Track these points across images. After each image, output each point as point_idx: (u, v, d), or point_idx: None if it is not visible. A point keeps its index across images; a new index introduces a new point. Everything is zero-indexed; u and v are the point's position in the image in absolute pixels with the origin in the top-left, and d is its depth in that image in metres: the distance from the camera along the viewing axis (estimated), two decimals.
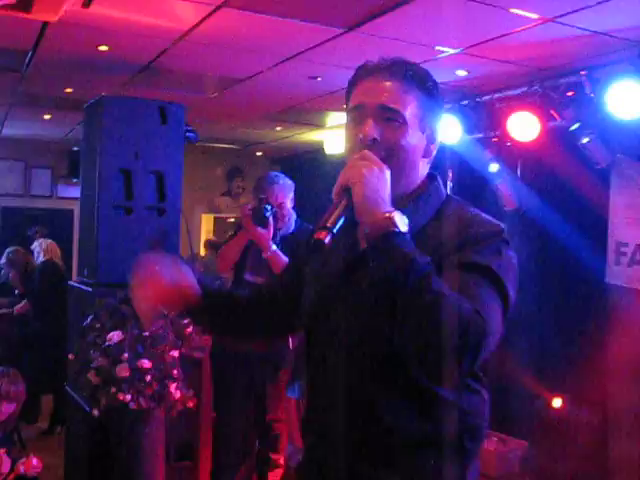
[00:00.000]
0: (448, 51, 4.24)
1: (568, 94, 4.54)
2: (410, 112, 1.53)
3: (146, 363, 3.26)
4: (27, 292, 6.25)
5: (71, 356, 3.58)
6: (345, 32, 3.98)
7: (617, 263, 4.74)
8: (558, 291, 5.19)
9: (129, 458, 3.42)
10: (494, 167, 5.28)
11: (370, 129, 1.51)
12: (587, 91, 4.37)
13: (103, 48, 4.46)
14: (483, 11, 3.53)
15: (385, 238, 1.36)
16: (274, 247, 3.87)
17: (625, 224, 4.72)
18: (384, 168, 1.43)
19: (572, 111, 4.58)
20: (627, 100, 4.10)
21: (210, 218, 10.01)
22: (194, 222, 9.02)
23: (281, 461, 4.49)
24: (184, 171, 3.94)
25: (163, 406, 3.37)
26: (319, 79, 5.07)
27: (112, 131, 3.70)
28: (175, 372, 3.36)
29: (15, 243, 6.66)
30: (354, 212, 1.41)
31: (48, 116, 7.01)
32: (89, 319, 3.41)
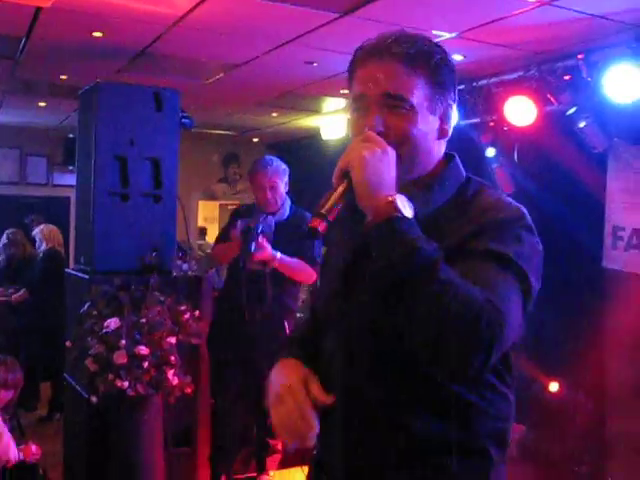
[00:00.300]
0: (444, 35, 4.22)
1: (565, 78, 4.52)
2: (417, 95, 1.40)
3: (143, 350, 3.27)
4: (25, 281, 6.25)
5: (68, 343, 3.59)
6: (340, 17, 3.96)
7: (614, 247, 4.75)
8: (555, 275, 5.16)
9: (127, 444, 3.44)
10: (491, 151, 5.28)
11: (374, 123, 1.39)
12: (584, 75, 4.35)
13: (97, 34, 4.43)
14: None
15: (386, 224, 1.27)
16: (278, 255, 3.89)
17: (622, 208, 4.72)
18: (388, 150, 1.34)
19: (569, 95, 4.56)
20: (624, 84, 4.09)
21: (208, 205, 10.01)
22: (191, 209, 9.00)
23: (279, 446, 4.52)
24: (180, 158, 3.93)
25: (161, 392, 3.38)
26: (315, 64, 5.05)
27: (107, 118, 3.68)
28: (172, 358, 3.37)
29: None
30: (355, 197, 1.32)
31: (43, 103, 6.97)
32: (86, 306, 3.41)
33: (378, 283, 1.31)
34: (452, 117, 1.49)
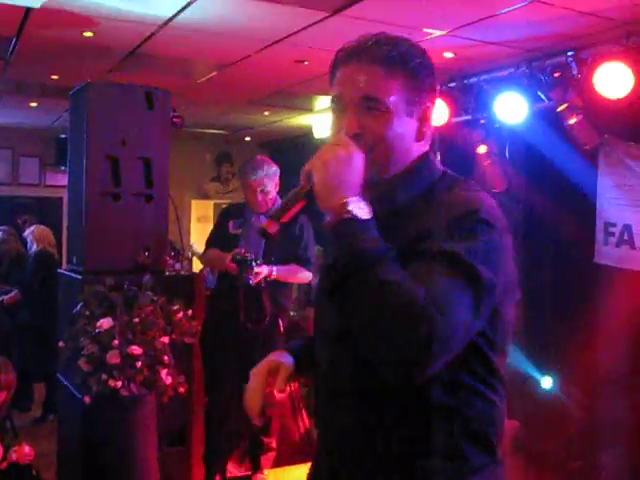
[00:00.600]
0: (435, 33, 4.23)
1: (555, 75, 4.54)
2: (394, 97, 1.41)
3: (136, 349, 3.26)
4: (17, 281, 6.24)
5: (61, 344, 3.58)
6: (331, 15, 3.97)
7: (606, 243, 4.77)
8: (547, 272, 5.21)
9: (122, 444, 3.43)
10: (482, 149, 5.29)
11: (351, 124, 1.42)
12: (574, 72, 4.37)
13: (88, 34, 4.42)
14: None
15: (336, 225, 1.31)
16: (274, 273, 4.03)
17: (613, 204, 4.74)
18: (354, 153, 1.35)
19: (559, 92, 4.58)
20: (614, 80, 4.11)
21: (201, 204, 9.98)
22: (184, 208, 8.98)
23: (273, 444, 4.52)
24: (172, 157, 3.92)
25: (154, 392, 3.37)
26: (306, 63, 5.05)
27: (98, 118, 3.67)
28: (166, 358, 3.36)
29: None
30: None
31: (34, 103, 6.96)
32: (79, 306, 3.40)
33: (325, 283, 1.35)
34: (431, 119, 1.50)
